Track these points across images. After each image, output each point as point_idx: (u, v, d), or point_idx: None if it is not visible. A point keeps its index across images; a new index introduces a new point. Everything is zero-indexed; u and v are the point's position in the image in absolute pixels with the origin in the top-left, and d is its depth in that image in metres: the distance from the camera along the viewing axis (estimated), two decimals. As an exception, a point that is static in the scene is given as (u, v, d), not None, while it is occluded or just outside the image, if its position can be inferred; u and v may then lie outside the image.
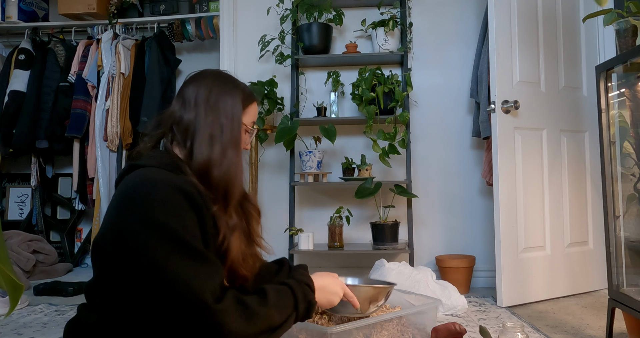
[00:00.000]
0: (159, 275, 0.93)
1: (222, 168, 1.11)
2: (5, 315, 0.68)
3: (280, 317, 1.03)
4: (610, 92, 1.75)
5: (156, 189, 0.99)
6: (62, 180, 3.72)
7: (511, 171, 2.33)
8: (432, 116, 2.91)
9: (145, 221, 0.96)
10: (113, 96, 3.27)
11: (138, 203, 0.98)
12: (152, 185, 1.00)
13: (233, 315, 0.94)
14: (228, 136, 1.13)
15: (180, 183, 1.01)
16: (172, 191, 0.99)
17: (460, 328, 1.53)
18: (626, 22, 1.66)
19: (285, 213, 2.84)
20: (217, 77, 1.20)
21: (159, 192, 0.98)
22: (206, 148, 1.10)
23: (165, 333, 0.96)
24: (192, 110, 1.14)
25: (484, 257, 2.81)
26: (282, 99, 2.84)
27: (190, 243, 0.96)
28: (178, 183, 1.01)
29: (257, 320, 0.98)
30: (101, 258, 1.05)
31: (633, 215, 1.73)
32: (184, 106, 1.15)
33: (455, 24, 2.92)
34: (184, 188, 1.01)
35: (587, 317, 2.07)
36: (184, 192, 1.00)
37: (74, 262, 3.48)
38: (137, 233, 0.95)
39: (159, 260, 0.93)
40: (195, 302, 0.91)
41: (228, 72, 1.25)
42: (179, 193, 1.00)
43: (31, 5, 3.60)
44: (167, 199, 0.98)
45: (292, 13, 2.82)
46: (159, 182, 1.00)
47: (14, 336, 1.92)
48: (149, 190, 0.99)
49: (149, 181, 1.01)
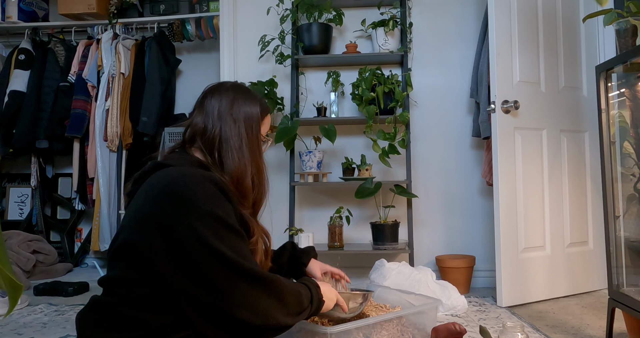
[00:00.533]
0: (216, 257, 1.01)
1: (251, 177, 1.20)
2: (4, 315, 0.68)
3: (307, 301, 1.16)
4: (610, 92, 1.75)
5: (197, 182, 1.05)
6: (62, 180, 3.72)
7: (511, 171, 2.33)
8: (432, 116, 2.91)
9: (194, 211, 1.02)
10: (113, 96, 3.27)
11: (183, 196, 1.03)
12: (192, 179, 1.06)
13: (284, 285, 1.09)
14: (254, 146, 1.22)
15: (216, 179, 1.09)
16: (210, 184, 1.06)
17: (460, 328, 1.53)
18: (626, 22, 1.66)
19: (285, 213, 2.84)
20: (237, 89, 1.27)
21: (200, 185, 1.05)
22: (236, 158, 1.19)
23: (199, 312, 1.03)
24: (217, 122, 1.20)
25: (484, 257, 2.81)
26: (282, 99, 2.84)
27: (235, 227, 1.06)
28: (213, 178, 1.09)
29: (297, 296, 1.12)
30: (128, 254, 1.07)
31: (633, 215, 1.73)
32: (207, 118, 1.21)
33: (455, 24, 2.92)
34: (220, 183, 1.09)
35: (587, 317, 2.07)
36: (219, 187, 1.08)
37: (74, 262, 3.48)
38: (187, 222, 1.01)
39: (213, 244, 1.00)
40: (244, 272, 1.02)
41: (244, 84, 1.33)
42: (216, 187, 1.07)
43: (31, 5, 3.60)
44: (210, 192, 1.05)
45: (292, 13, 2.82)
46: (198, 176, 1.07)
47: (14, 336, 1.92)
48: (191, 183, 1.05)
49: (189, 175, 1.07)
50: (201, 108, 1.23)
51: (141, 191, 1.10)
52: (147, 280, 1.05)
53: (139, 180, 1.15)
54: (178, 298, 1.03)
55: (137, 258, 1.05)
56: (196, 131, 1.21)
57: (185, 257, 1.01)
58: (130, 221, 1.08)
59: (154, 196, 1.06)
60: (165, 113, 3.44)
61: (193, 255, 1.00)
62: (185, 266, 1.01)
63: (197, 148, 1.21)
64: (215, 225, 1.02)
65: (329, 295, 1.30)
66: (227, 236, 1.03)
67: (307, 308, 1.16)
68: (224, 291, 1.00)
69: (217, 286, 1.00)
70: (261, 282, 1.04)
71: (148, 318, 1.04)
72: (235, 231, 1.06)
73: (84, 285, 2.72)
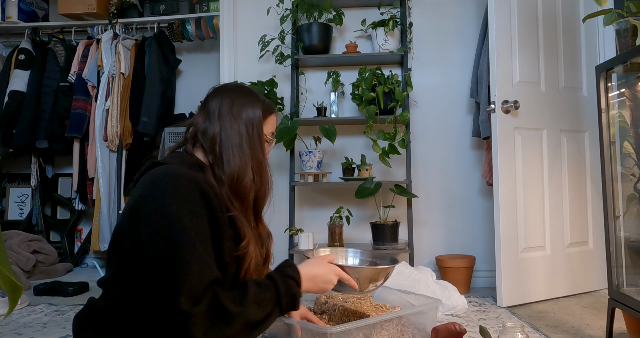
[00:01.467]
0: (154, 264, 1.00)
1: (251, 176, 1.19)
2: (4, 316, 0.68)
3: (261, 312, 1.06)
4: (610, 92, 1.75)
5: (177, 182, 1.05)
6: (62, 180, 3.72)
7: (511, 171, 2.33)
8: (432, 116, 2.91)
9: (159, 210, 1.02)
10: (113, 96, 3.27)
11: (158, 193, 1.04)
12: (175, 178, 1.06)
13: (205, 319, 0.98)
14: (255, 145, 1.21)
15: (199, 181, 1.08)
16: (191, 187, 1.05)
17: (460, 328, 1.53)
18: (626, 22, 1.66)
19: (285, 213, 2.84)
20: (239, 90, 1.27)
21: (179, 185, 1.05)
22: (237, 157, 1.18)
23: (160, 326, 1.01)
24: (217, 122, 1.20)
25: (484, 257, 2.81)
26: (282, 99, 2.84)
27: (192, 240, 1.01)
28: (198, 181, 1.07)
29: (232, 320, 1.01)
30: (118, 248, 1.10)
31: (633, 215, 1.73)
32: (208, 118, 1.22)
33: (455, 24, 2.92)
34: (203, 186, 1.07)
35: (587, 317, 2.07)
36: (201, 190, 1.06)
37: (74, 262, 3.48)
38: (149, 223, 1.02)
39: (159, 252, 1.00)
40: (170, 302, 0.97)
41: (248, 85, 1.33)
42: (197, 190, 1.06)
43: (31, 5, 3.60)
44: (185, 194, 1.04)
45: (292, 13, 2.82)
46: (182, 176, 1.06)
47: (14, 336, 1.92)
48: (168, 183, 1.05)
49: (172, 174, 1.07)
50: (203, 108, 1.24)
51: (135, 189, 1.13)
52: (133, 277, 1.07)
53: (137, 179, 1.17)
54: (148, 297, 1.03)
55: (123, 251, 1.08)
56: (197, 130, 1.22)
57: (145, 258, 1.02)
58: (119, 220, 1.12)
59: (138, 193, 1.08)
60: (165, 113, 3.44)
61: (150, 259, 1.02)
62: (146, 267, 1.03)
63: (198, 147, 1.22)
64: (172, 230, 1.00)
65: (325, 276, 1.22)
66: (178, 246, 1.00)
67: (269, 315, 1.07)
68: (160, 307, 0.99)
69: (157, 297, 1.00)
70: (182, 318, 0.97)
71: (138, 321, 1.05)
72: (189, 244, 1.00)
73: (84, 285, 2.72)
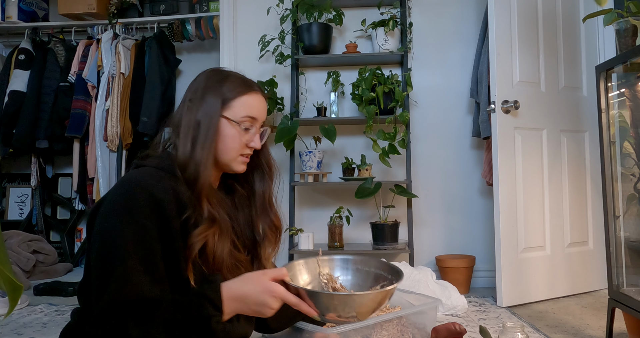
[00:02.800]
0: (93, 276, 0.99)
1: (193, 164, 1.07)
2: (5, 316, 0.68)
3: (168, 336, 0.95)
4: (610, 92, 1.75)
5: (130, 192, 1.00)
6: (62, 180, 3.72)
7: (511, 171, 2.33)
8: (432, 116, 2.91)
9: (101, 222, 1.00)
10: (113, 96, 3.27)
11: (110, 201, 1.01)
12: (129, 188, 1.01)
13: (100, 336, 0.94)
14: (203, 131, 1.09)
15: (156, 189, 1.01)
16: (143, 197, 0.99)
17: (460, 328, 1.53)
18: (626, 22, 1.66)
19: (285, 213, 2.83)
20: (209, 73, 1.17)
21: (131, 195, 1.00)
22: (183, 145, 1.09)
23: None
24: (180, 109, 1.13)
25: (484, 257, 2.80)
26: (282, 99, 2.83)
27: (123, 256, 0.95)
28: (155, 190, 1.01)
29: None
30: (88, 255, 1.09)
31: (633, 215, 1.73)
32: (181, 105, 1.15)
33: (455, 24, 2.92)
34: (159, 196, 1.00)
35: (587, 317, 2.07)
36: (156, 200, 1.00)
37: (74, 262, 3.48)
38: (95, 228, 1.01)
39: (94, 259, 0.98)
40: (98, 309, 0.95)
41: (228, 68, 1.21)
42: (152, 200, 0.99)
43: (31, 5, 3.60)
44: (134, 205, 0.98)
45: (292, 13, 2.82)
46: (137, 186, 1.01)
47: (14, 336, 1.92)
48: (121, 193, 1.01)
49: (129, 183, 1.02)
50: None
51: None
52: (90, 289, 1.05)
53: None
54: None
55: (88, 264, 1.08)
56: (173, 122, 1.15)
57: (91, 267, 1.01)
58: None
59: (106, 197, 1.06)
60: (165, 113, 3.43)
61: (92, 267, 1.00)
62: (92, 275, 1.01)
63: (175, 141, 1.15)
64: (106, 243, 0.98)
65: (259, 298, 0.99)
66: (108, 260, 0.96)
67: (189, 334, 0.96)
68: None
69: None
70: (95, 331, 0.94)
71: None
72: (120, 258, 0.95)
73: (84, 285, 2.72)
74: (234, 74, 1.18)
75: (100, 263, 0.97)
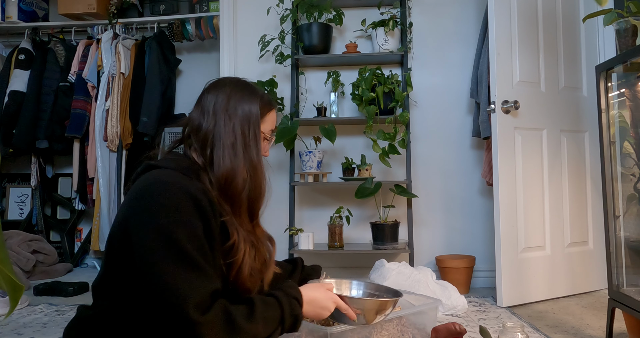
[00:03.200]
0: (152, 279, 0.95)
1: (244, 177, 1.12)
2: (5, 316, 0.68)
3: (265, 330, 1.03)
4: (610, 92, 1.75)
5: (167, 193, 1.00)
6: (62, 180, 3.72)
7: (511, 171, 2.33)
8: (432, 116, 2.91)
9: (150, 223, 0.98)
10: (113, 96, 3.27)
11: (148, 205, 1.00)
12: (164, 188, 1.01)
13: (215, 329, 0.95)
14: (249, 144, 1.14)
15: (191, 189, 1.02)
16: (182, 197, 1.00)
17: (460, 328, 1.53)
18: (626, 22, 1.66)
19: (285, 213, 2.84)
20: (235, 84, 1.20)
21: (169, 196, 1.00)
22: (227, 157, 1.11)
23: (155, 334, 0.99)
24: (211, 118, 1.14)
25: (484, 257, 2.81)
26: (282, 99, 2.83)
27: (188, 251, 0.97)
28: (190, 189, 1.02)
29: (240, 335, 0.98)
30: (110, 252, 1.08)
31: (633, 215, 1.73)
32: (202, 114, 1.15)
33: (455, 24, 2.92)
34: (195, 194, 1.02)
35: (587, 317, 2.07)
36: (193, 198, 1.01)
37: (74, 262, 3.48)
38: (141, 234, 0.98)
39: (154, 264, 0.95)
40: (178, 312, 0.93)
41: (246, 79, 1.25)
42: (189, 199, 1.01)
43: (31, 5, 3.60)
44: (176, 205, 0.99)
45: (292, 13, 2.82)
46: (172, 186, 1.01)
47: (14, 336, 1.92)
48: (160, 193, 1.00)
49: (162, 183, 1.02)
50: (199, 104, 1.18)
51: (128, 193, 1.09)
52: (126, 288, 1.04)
53: (133, 181, 1.13)
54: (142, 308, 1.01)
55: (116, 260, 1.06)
56: (192, 128, 1.16)
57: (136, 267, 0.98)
58: (113, 225, 1.09)
59: (130, 200, 1.05)
60: (165, 113, 3.44)
61: (140, 268, 0.97)
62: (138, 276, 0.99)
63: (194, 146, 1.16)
64: (163, 243, 0.96)
65: (324, 302, 1.17)
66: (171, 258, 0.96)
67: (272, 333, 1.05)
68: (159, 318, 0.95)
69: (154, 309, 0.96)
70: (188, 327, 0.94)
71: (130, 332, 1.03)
72: (182, 255, 0.96)
73: (84, 285, 2.72)
74: (259, 88, 1.24)
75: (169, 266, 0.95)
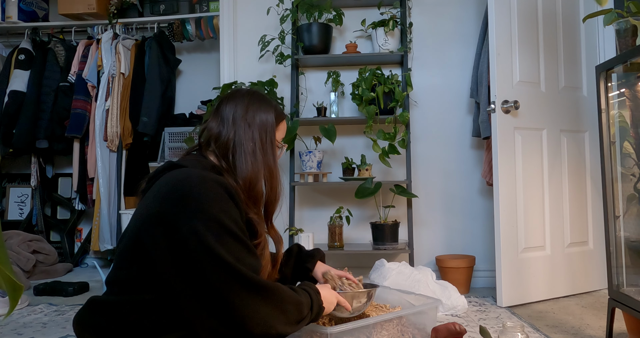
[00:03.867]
0: (214, 260, 1.01)
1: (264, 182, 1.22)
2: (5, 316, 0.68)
3: (307, 310, 1.15)
4: (610, 92, 1.75)
5: (205, 185, 1.06)
6: (62, 180, 3.72)
7: (511, 171, 2.33)
8: (432, 116, 2.91)
9: (198, 213, 1.03)
10: (113, 96, 3.27)
11: (190, 197, 1.05)
12: (203, 181, 1.07)
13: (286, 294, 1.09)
14: (267, 151, 1.23)
15: (225, 183, 1.10)
16: (218, 188, 1.08)
17: (460, 328, 1.53)
18: (626, 22, 1.66)
19: (285, 213, 2.83)
20: (252, 95, 1.28)
21: (210, 188, 1.06)
22: (249, 162, 1.20)
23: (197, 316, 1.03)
24: (231, 127, 1.22)
25: (484, 257, 2.80)
26: (282, 99, 2.83)
27: (239, 235, 1.06)
28: (223, 182, 1.10)
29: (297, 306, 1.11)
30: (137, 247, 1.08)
31: (633, 215, 1.73)
32: (222, 123, 1.23)
33: (455, 24, 2.92)
34: (228, 187, 1.10)
35: (587, 317, 2.07)
36: (228, 191, 1.09)
37: (74, 262, 3.48)
38: (190, 224, 1.02)
39: (213, 248, 1.01)
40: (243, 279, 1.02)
41: (260, 91, 1.35)
42: (225, 191, 1.08)
43: (31, 5, 3.60)
44: (216, 195, 1.06)
45: (292, 13, 2.82)
46: (208, 179, 1.08)
47: (14, 336, 1.92)
48: (200, 185, 1.06)
49: (198, 177, 1.08)
50: (216, 114, 1.26)
51: (152, 189, 1.12)
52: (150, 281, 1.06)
53: (152, 178, 1.16)
54: (179, 299, 1.03)
55: (142, 256, 1.07)
56: (211, 136, 1.23)
57: (186, 259, 1.01)
58: (138, 219, 1.10)
59: (163, 195, 1.07)
60: (165, 113, 3.44)
61: (194, 258, 1.01)
62: (186, 268, 1.01)
63: (211, 151, 1.23)
64: (219, 230, 1.03)
65: (329, 298, 1.30)
66: (229, 242, 1.04)
67: (307, 316, 1.16)
68: (222, 298, 1.01)
69: (216, 291, 1.01)
70: (260, 291, 1.04)
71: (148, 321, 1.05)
72: (238, 238, 1.06)
73: (84, 285, 2.72)
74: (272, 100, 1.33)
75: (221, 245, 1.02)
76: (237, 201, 1.10)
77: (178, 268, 1.02)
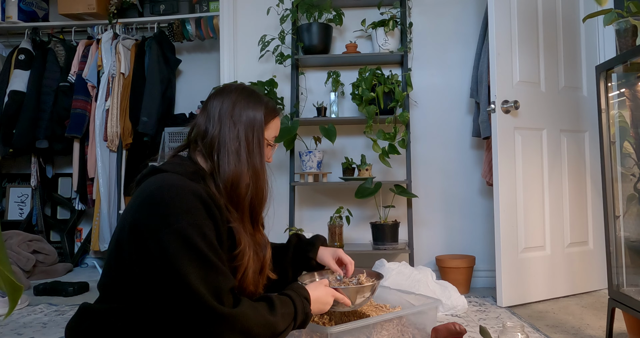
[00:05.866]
0: (173, 278, 0.98)
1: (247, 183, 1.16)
2: (4, 316, 0.68)
3: (282, 325, 1.09)
4: (610, 92, 1.75)
5: (179, 196, 1.03)
6: (62, 180, 3.72)
7: (511, 171, 2.33)
8: (432, 116, 2.91)
9: (166, 225, 1.00)
10: (113, 96, 3.27)
11: (161, 207, 1.02)
12: (176, 192, 1.03)
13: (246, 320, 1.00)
14: (253, 150, 1.18)
15: (200, 192, 1.06)
16: (193, 199, 1.03)
17: (460, 328, 1.53)
18: (626, 22, 1.66)
19: (285, 213, 2.84)
20: (241, 91, 1.23)
21: (181, 199, 1.03)
22: (232, 162, 1.15)
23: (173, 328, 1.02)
24: (217, 124, 1.17)
25: (484, 257, 2.80)
26: (282, 99, 2.83)
27: (204, 251, 1.00)
28: (199, 192, 1.05)
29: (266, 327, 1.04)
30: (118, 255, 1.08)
31: (633, 215, 1.73)
32: (208, 119, 1.19)
33: (455, 24, 2.92)
34: (204, 197, 1.05)
35: (587, 317, 2.07)
36: (203, 201, 1.05)
37: (74, 262, 3.48)
38: (157, 236, 1.00)
39: (174, 264, 0.97)
40: (206, 309, 0.96)
41: (251, 86, 1.29)
42: (200, 201, 1.04)
43: (31, 5, 3.60)
44: (189, 207, 1.02)
45: (292, 13, 2.82)
46: (182, 189, 1.04)
47: (14, 336, 1.92)
48: (172, 196, 1.03)
49: (173, 187, 1.04)
50: (204, 109, 1.21)
51: (134, 196, 1.11)
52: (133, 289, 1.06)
53: (138, 183, 1.15)
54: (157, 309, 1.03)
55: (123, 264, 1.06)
56: (198, 133, 1.19)
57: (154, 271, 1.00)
58: (119, 226, 1.10)
59: (138, 203, 1.06)
60: (165, 113, 3.44)
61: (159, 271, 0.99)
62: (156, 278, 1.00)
63: (199, 151, 1.20)
64: (184, 245, 0.99)
65: (324, 298, 1.25)
66: (193, 259, 0.99)
67: (287, 328, 1.11)
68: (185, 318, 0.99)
69: (179, 312, 0.99)
70: (220, 320, 0.98)
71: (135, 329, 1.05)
72: (202, 255, 1.00)
73: (84, 285, 2.72)
74: (264, 96, 1.27)
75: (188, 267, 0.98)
76: (213, 212, 1.06)
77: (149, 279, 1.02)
